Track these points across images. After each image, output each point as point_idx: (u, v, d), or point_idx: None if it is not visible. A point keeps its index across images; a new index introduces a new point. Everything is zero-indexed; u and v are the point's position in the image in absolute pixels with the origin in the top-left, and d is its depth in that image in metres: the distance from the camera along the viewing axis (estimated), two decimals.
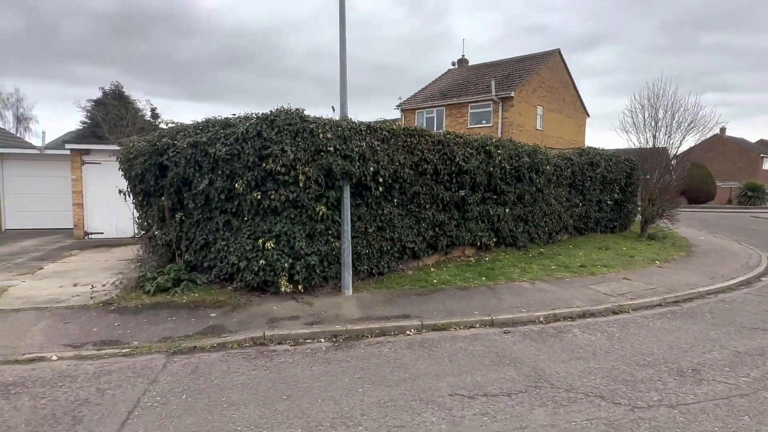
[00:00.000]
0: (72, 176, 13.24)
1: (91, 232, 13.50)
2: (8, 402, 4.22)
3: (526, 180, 10.97)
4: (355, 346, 5.74)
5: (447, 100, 23.96)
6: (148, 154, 7.72)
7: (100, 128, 23.19)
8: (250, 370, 5.00)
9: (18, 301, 7.09)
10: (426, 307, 7.08)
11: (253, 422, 3.88)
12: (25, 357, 5.25)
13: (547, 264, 9.98)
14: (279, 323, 6.30)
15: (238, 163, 6.87)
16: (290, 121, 6.69)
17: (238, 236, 7.29)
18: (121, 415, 4.00)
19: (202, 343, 5.68)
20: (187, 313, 6.68)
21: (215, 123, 7.21)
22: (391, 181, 8.03)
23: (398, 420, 3.91)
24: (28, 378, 4.74)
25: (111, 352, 5.43)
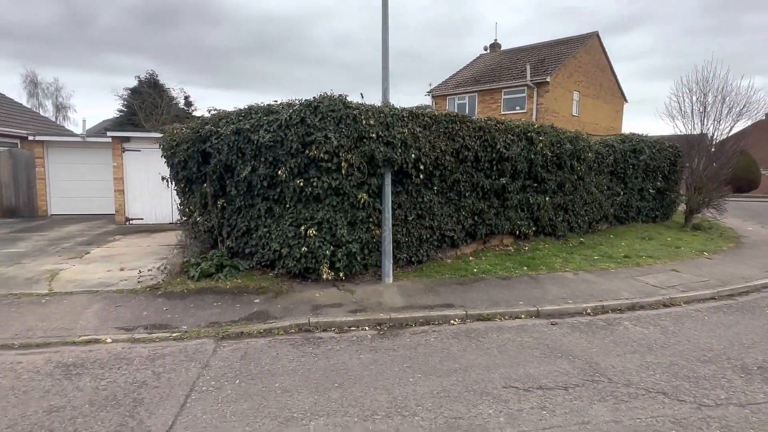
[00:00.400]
0: (113, 163, 13.57)
1: (132, 217, 13.85)
2: (71, 382, 4.35)
3: (567, 168, 10.65)
4: (400, 335, 5.70)
5: (479, 86, 23.48)
6: (191, 141, 7.79)
7: (137, 116, 23.69)
8: (299, 356, 5.02)
9: (70, 285, 7.31)
10: (468, 296, 6.97)
11: (307, 409, 3.88)
12: (81, 339, 5.40)
13: (589, 254, 9.71)
14: (323, 310, 6.31)
15: (281, 150, 6.86)
16: (333, 107, 6.62)
17: (280, 223, 7.31)
18: (178, 398, 4.06)
19: (249, 329, 5.73)
20: (232, 298, 6.76)
21: (258, 110, 7.21)
22: (431, 169, 7.90)
23: (454, 411, 3.84)
24: (87, 359, 4.87)
25: (162, 335, 5.54)
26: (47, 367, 4.66)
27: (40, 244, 10.59)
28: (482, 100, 23.30)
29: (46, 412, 3.81)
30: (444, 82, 26.17)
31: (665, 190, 14.26)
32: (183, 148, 8.00)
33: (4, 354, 4.99)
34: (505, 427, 3.59)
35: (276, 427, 3.60)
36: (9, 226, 13.25)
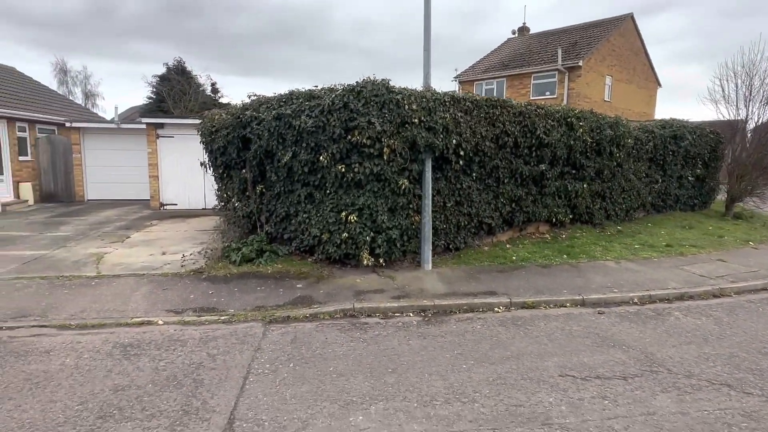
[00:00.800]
0: (147, 149, 13.79)
1: (166, 203, 14.09)
2: (131, 362, 4.45)
3: (606, 154, 10.39)
4: (445, 322, 5.68)
5: (508, 71, 23.02)
6: (231, 126, 7.83)
7: (166, 103, 23.99)
8: (348, 341, 5.04)
9: (117, 268, 7.48)
10: (510, 284, 6.89)
11: (366, 393, 3.90)
12: (134, 320, 5.53)
13: (629, 243, 9.49)
14: (366, 296, 6.32)
15: (322, 136, 6.83)
16: (377, 92, 6.54)
17: (320, 209, 7.32)
18: (237, 380, 4.12)
19: (295, 314, 5.78)
20: (274, 283, 6.83)
21: (299, 95, 7.18)
22: (471, 155, 7.78)
23: (513, 399, 3.81)
24: (142, 340, 4.98)
25: (211, 318, 5.63)
26: (106, 347, 4.78)
27: (81, 228, 10.86)
28: (511, 86, 22.85)
29: (112, 390, 3.91)
30: (471, 68, 25.73)
31: (705, 178, 13.82)
32: (223, 134, 8.05)
33: (64, 334, 5.14)
34: (568, 416, 3.55)
35: (337, 411, 3.62)
36: (49, 210, 13.63)
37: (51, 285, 6.64)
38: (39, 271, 7.27)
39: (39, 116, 14.98)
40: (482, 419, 3.51)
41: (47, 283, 6.69)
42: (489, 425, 3.43)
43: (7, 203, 13.36)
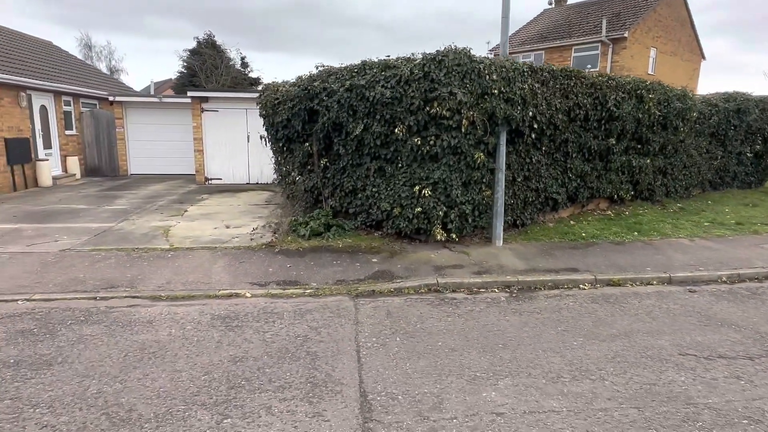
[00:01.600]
0: (192, 123, 13.75)
1: (211, 177, 14.12)
2: (236, 334, 4.45)
3: (671, 128, 10.00)
4: (534, 298, 5.56)
5: (547, 43, 22.25)
6: (297, 98, 7.68)
7: (197, 77, 23.86)
8: (444, 316, 4.97)
9: (187, 241, 7.51)
10: (588, 261, 6.73)
11: (487, 368, 3.83)
12: (221, 293, 5.53)
13: (697, 220, 9.19)
14: (446, 271, 6.23)
15: (399, 107, 6.65)
16: (459, 61, 6.30)
17: (391, 183, 7.19)
18: (350, 353, 4.08)
19: (380, 288, 5.72)
20: (348, 257, 6.77)
21: (372, 65, 6.98)
22: (544, 128, 7.52)
23: (642, 377, 3.70)
24: (238, 312, 4.98)
25: (296, 291, 5.61)
26: (204, 319, 4.79)
27: (135, 202, 10.94)
28: (549, 59, 22.10)
29: (231, 361, 3.91)
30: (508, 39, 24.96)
31: (763, 154, 13.28)
32: (288, 106, 7.91)
33: (158, 305, 5.17)
34: (709, 396, 3.43)
35: (466, 386, 3.56)
36: (97, 184, 13.77)
37: (129, 257, 6.68)
38: (112, 243, 7.33)
39: (84, 90, 15.01)
40: (620, 397, 3.41)
41: (125, 255, 6.74)
42: (629, 404, 3.33)
43: (57, 177, 13.53)
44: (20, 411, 3.16)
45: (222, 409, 3.22)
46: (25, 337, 4.29)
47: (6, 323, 4.60)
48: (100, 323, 4.65)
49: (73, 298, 5.29)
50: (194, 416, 3.13)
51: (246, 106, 13.79)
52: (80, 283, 5.71)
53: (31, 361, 3.86)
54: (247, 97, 13.79)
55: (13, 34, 15.98)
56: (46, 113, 13.67)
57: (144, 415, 3.14)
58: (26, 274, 5.94)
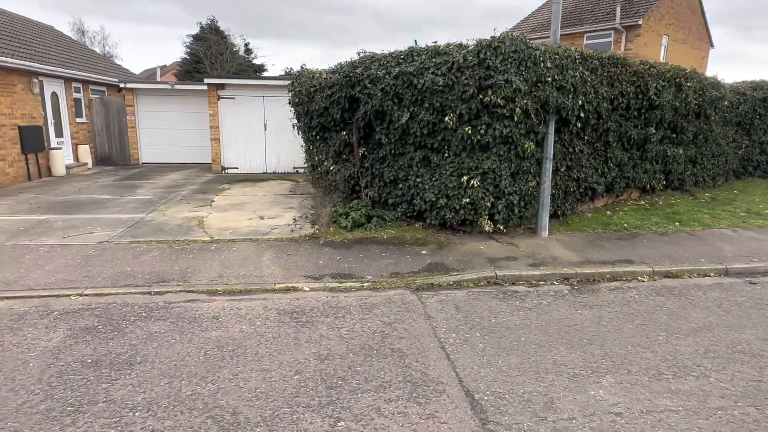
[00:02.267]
0: (209, 111, 13.44)
1: (227, 166, 13.85)
2: (310, 330, 4.31)
3: (703, 117, 9.91)
4: (597, 291, 5.47)
5: (560, 30, 21.99)
6: (337, 86, 7.46)
7: (202, 64, 23.36)
8: (513, 310, 4.86)
9: (225, 232, 7.32)
10: (639, 252, 6.64)
11: (583, 365, 3.73)
12: (278, 287, 5.38)
13: (732, 210, 9.14)
14: (500, 263, 6.12)
15: (450, 95, 6.47)
16: (516, 47, 6.12)
17: (436, 173, 7.03)
18: (436, 350, 3.97)
19: (438, 281, 5.60)
20: (396, 249, 6.63)
21: (420, 51, 6.77)
22: (589, 117, 7.38)
23: (744, 373, 3.62)
24: (302, 307, 4.83)
25: (354, 285, 5.47)
26: (270, 314, 4.65)
27: (157, 191, 10.69)
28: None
29: (317, 359, 3.77)
30: (517, 26, 24.66)
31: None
32: (325, 93, 7.69)
33: (217, 300, 5.01)
34: None
35: (569, 383, 3.46)
36: (111, 173, 13.46)
37: (172, 249, 6.50)
38: (149, 235, 7.12)
39: (94, 77, 14.60)
40: (732, 395, 3.33)
41: (167, 248, 6.55)
42: (744, 401, 3.25)
43: (69, 166, 13.20)
44: (119, 415, 3.01)
45: (329, 411, 3.09)
46: (93, 335, 4.12)
47: (67, 320, 4.43)
48: (165, 319, 4.49)
49: (127, 293, 5.12)
50: (304, 419, 3.00)
51: (263, 94, 13.49)
52: (129, 277, 5.53)
53: (109, 360, 3.70)
54: (264, 84, 13.50)
55: (18, 19, 15.47)
56: (57, 100, 13.29)
57: (251, 418, 3.00)
58: (70, 268, 5.74)
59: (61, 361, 3.69)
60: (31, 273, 5.57)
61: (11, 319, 4.44)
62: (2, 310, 4.65)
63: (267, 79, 13.78)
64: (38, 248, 6.42)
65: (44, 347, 3.91)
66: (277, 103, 13.54)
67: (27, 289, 5.13)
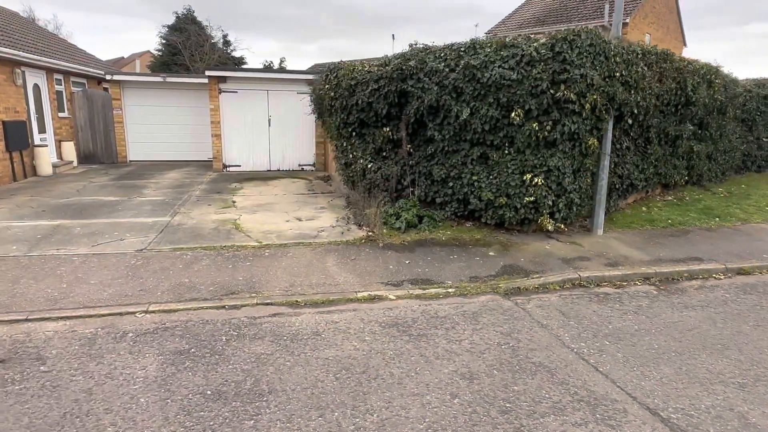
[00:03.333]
0: (210, 105, 12.66)
1: (229, 164, 13.11)
2: (430, 345, 3.95)
3: (722, 114, 10.12)
4: (683, 291, 5.37)
5: (546, 27, 22.21)
6: (386, 79, 7.07)
7: (181, 55, 22.13)
8: (619, 314, 4.68)
9: (271, 236, 6.81)
10: (701, 249, 6.63)
11: (740, 374, 3.56)
12: (360, 295, 4.99)
13: (755, 204, 9.37)
14: (576, 264, 5.94)
15: (519, 89, 6.20)
16: (592, 41, 5.91)
17: (495, 170, 6.77)
18: (578, 362, 3.71)
19: (524, 285, 5.35)
20: (460, 251, 6.34)
21: (483, 44, 6.47)
22: (641, 113, 7.31)
23: None
24: (404, 318, 4.47)
25: (439, 291, 5.14)
26: (374, 328, 4.26)
27: (166, 192, 9.93)
28: None
29: (463, 378, 3.43)
30: (502, 23, 24.76)
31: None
32: (371, 87, 7.29)
33: (303, 312, 4.57)
34: None
35: (748, 396, 3.27)
36: (101, 173, 12.45)
37: (222, 257, 5.95)
38: (188, 241, 6.52)
39: (78, 68, 13.45)
40: None
41: (216, 255, 5.99)
42: None
43: (55, 164, 12.11)
44: None
45: None
46: (192, 361, 3.61)
47: (149, 343, 3.89)
48: (262, 338, 4.02)
49: (198, 308, 4.59)
50: None
51: (267, 87, 12.83)
52: (191, 289, 4.98)
53: (232, 391, 3.23)
54: (268, 78, 12.84)
55: None
56: (39, 93, 12.15)
57: None
58: (120, 281, 5.12)
59: (175, 394, 3.19)
60: (75, 287, 4.92)
61: (83, 344, 3.86)
62: (64, 333, 4.05)
63: (272, 72, 13.14)
64: (70, 259, 5.72)
65: (144, 378, 3.38)
66: (281, 98, 12.95)
67: (82, 307, 4.51)
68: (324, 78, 8.50)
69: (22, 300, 4.62)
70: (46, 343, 3.88)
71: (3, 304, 4.53)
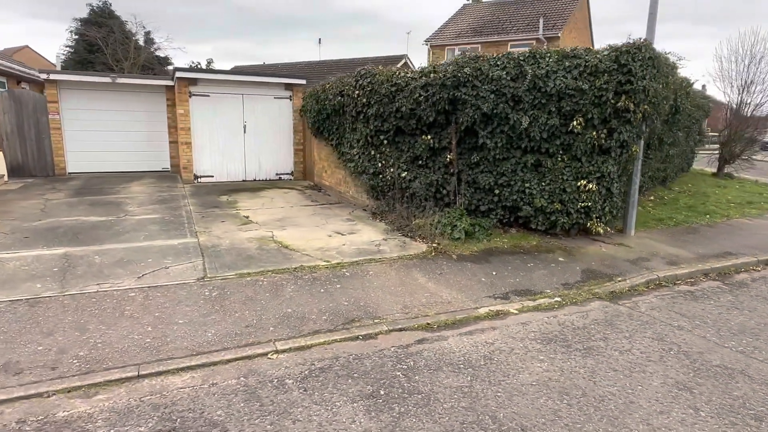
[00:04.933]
0: (179, 110, 11.39)
1: (201, 175, 11.91)
2: (601, 356, 3.89)
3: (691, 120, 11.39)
4: (745, 284, 5.91)
5: (483, 38, 23.35)
6: (436, 86, 6.89)
7: (103, 53, 19.63)
8: (726, 310, 5.01)
9: (331, 253, 6.28)
10: (723, 244, 7.38)
11: None
12: (483, 312, 4.79)
13: (719, 201, 10.63)
14: (642, 264, 6.29)
15: (582, 99, 6.38)
16: (651, 54, 6.25)
17: (546, 178, 6.91)
18: (743, 359, 3.88)
19: (617, 288, 5.54)
20: (530, 258, 6.37)
21: (543, 54, 6.55)
22: (657, 119, 7.93)
23: None
24: (551, 332, 4.37)
25: (549, 301, 5.12)
26: (533, 345, 4.10)
27: (154, 208, 8.73)
28: (487, 52, 23.27)
29: (681, 389, 3.42)
30: (439, 32, 25.51)
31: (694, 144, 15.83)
32: (417, 94, 7.06)
33: (448, 336, 4.27)
34: None
35: None
36: (46, 188, 10.57)
37: (301, 279, 5.35)
38: (245, 264, 5.77)
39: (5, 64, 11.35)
40: None
41: (295, 278, 5.38)
42: None
43: None
44: None
45: None
46: (385, 404, 3.18)
47: (323, 388, 3.36)
48: (438, 369, 3.67)
49: (331, 341, 4.08)
50: None
51: (243, 91, 11.89)
52: (304, 320, 4.42)
53: None
54: (244, 81, 11.88)
55: None
56: None
57: None
58: (212, 317, 4.38)
59: None
60: (165, 330, 4.11)
61: (247, 399, 3.22)
62: (205, 388, 3.35)
63: (248, 74, 12.16)
64: (126, 295, 4.77)
65: (366, 431, 2.90)
66: (257, 103, 12.10)
67: (195, 354, 3.78)
68: (354, 83, 8.06)
69: (112, 352, 3.74)
70: (197, 403, 3.18)
71: (90, 358, 3.64)
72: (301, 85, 12.50)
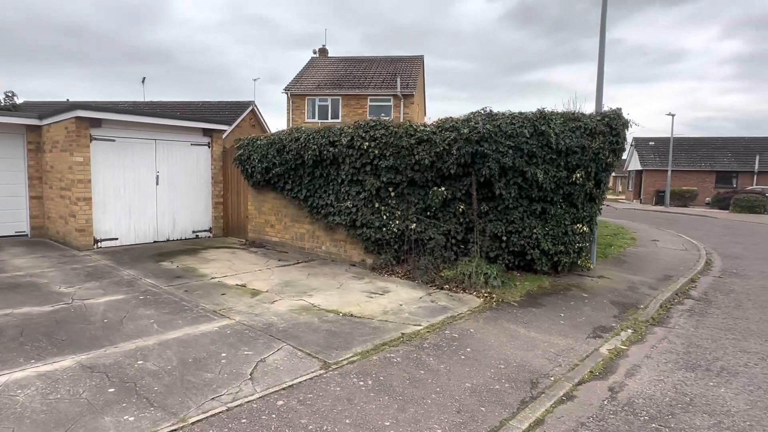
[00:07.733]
0: (77, 158, 8.89)
1: (102, 238, 9.41)
2: (743, 379, 4.62)
3: None
4: (714, 299, 7.58)
5: (344, 90, 24.31)
6: (461, 141, 7.15)
7: None
8: (734, 313, 6.37)
9: (403, 317, 5.79)
10: (654, 268, 9.25)
11: None
12: (603, 351, 5.13)
13: (600, 234, 13.21)
14: (644, 291, 7.48)
15: (583, 155, 7.41)
16: (623, 120, 7.66)
17: (549, 223, 7.71)
18: None
19: (649, 315, 6.49)
20: (564, 297, 6.99)
21: (551, 116, 7.41)
22: None
23: None
24: (673, 361, 4.93)
25: (629, 336, 5.73)
26: (684, 376, 4.61)
27: (100, 285, 6.62)
28: (347, 104, 24.26)
29: None
30: (296, 82, 25.54)
31: None
32: (438, 148, 7.21)
33: (627, 383, 4.46)
34: None
35: None
36: None
37: (421, 349, 4.83)
38: (341, 345, 4.90)
39: None
40: None
41: (415, 348, 4.82)
42: None
43: None
44: None
45: None
46: None
47: None
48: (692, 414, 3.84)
49: (552, 408, 3.88)
50: None
51: (156, 136, 10.00)
52: (494, 392, 4.06)
53: None
54: (157, 124, 9.99)
55: None
56: None
57: None
58: (403, 414, 3.67)
59: None
60: None
61: None
62: None
63: (163, 117, 10.21)
64: (264, 409, 3.61)
65: None
66: (173, 149, 10.40)
67: None
68: (362, 134, 7.65)
69: None
70: None
71: None
72: (222, 130, 11.16)
